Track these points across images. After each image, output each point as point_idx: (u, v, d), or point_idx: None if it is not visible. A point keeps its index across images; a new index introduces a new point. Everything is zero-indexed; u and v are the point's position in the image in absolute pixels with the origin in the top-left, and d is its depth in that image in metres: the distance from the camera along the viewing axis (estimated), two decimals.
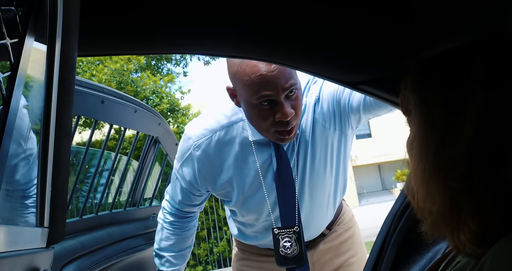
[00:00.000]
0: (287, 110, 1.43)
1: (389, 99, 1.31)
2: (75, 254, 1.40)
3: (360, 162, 25.21)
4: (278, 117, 1.44)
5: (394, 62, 1.16)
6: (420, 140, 0.70)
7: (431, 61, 0.72)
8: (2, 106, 0.61)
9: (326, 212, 1.73)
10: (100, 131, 9.41)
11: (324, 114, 1.60)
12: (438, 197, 0.67)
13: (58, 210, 0.94)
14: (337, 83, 1.30)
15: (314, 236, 1.77)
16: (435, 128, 0.68)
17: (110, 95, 1.55)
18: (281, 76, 1.40)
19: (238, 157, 1.61)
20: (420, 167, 0.70)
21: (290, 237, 1.60)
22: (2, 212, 0.70)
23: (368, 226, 7.06)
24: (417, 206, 0.73)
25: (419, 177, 0.70)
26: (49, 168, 0.90)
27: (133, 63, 9.56)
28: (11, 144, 0.66)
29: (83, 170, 1.72)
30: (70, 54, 0.88)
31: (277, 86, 1.41)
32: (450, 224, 0.67)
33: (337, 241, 1.81)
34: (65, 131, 0.90)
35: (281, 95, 1.42)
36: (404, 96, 0.76)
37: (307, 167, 1.61)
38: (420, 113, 0.71)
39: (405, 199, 1.37)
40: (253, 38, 1.08)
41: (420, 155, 0.70)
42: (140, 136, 7.15)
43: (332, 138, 1.62)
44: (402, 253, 1.29)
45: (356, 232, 1.88)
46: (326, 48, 1.13)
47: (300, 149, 1.61)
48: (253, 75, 1.40)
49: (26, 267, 0.79)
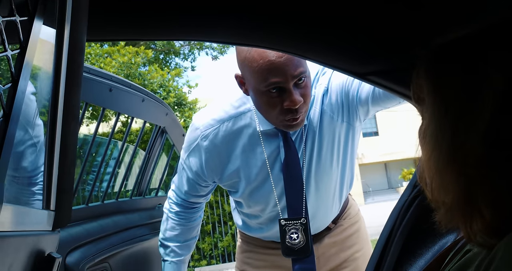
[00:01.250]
0: (295, 97, 1.41)
1: (398, 91, 1.30)
2: (81, 241, 1.40)
3: (366, 160, 25.15)
4: (287, 105, 1.42)
5: (405, 52, 1.14)
6: (434, 128, 0.69)
7: (445, 48, 0.71)
8: (11, 84, 0.60)
9: (332, 205, 1.72)
10: (107, 124, 9.43)
11: (332, 105, 1.59)
12: (452, 186, 0.66)
13: (64, 193, 0.94)
14: (346, 74, 1.29)
15: (320, 229, 1.76)
16: (450, 115, 0.67)
17: (118, 83, 1.54)
18: (290, 63, 1.39)
19: (246, 148, 1.60)
20: (434, 155, 0.69)
21: (297, 228, 1.59)
22: (11, 192, 0.70)
23: (373, 224, 7.04)
24: (431, 195, 0.72)
25: (433, 166, 0.69)
26: (56, 151, 0.90)
27: (141, 57, 9.57)
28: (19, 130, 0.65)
29: (90, 159, 1.73)
30: (79, 37, 0.88)
31: (285, 73, 1.39)
32: (464, 213, 0.66)
33: (342, 235, 1.80)
34: (73, 115, 0.90)
35: (290, 82, 1.41)
36: (417, 84, 0.75)
37: (313, 158, 1.60)
38: (434, 100, 0.70)
39: (412, 193, 1.36)
40: (260, 25, 1.07)
41: (434, 143, 0.69)
42: (147, 128, 7.15)
43: (340, 130, 1.61)
44: (408, 246, 1.28)
45: (362, 227, 1.87)
46: (335, 38, 1.12)
47: (307, 140, 1.60)
48: (261, 61, 1.38)
49: (31, 248, 0.79)
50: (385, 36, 1.10)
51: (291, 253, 1.61)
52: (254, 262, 1.83)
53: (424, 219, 1.31)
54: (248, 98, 1.59)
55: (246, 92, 1.54)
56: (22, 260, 0.74)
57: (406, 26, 1.02)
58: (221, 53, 14.23)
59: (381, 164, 28.41)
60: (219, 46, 14.07)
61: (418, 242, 1.30)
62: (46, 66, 0.90)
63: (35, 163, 1.18)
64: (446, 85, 0.68)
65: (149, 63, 10.74)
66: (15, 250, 0.69)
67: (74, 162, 0.96)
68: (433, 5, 0.93)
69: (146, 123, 1.94)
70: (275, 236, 1.72)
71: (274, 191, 1.61)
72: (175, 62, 13.83)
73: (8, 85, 0.60)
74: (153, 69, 9.64)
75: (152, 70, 9.55)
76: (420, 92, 0.74)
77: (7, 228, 0.65)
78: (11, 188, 0.67)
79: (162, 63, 13.11)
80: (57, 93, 0.86)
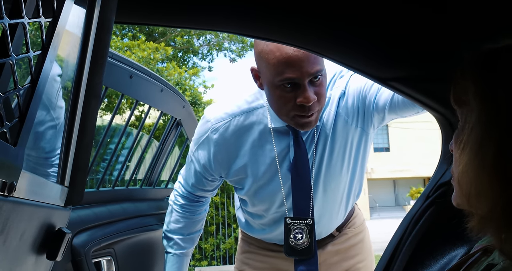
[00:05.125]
0: (309, 94, 1.39)
1: (420, 99, 1.28)
2: (89, 223, 1.41)
3: (375, 175, 25.00)
4: (300, 101, 1.40)
5: (435, 61, 1.13)
6: (480, 132, 0.67)
7: (496, 53, 0.70)
8: (41, 51, 0.61)
9: (338, 211, 1.70)
10: (121, 117, 9.48)
11: (348, 109, 1.57)
12: (492, 194, 0.64)
13: (79, 171, 0.94)
14: (367, 77, 1.27)
15: (323, 235, 1.74)
16: (500, 119, 0.65)
17: (139, 71, 1.55)
18: (307, 60, 1.37)
19: (256, 144, 1.58)
20: (477, 160, 0.66)
21: (302, 228, 1.57)
22: (29, 162, 0.70)
23: (377, 240, 6.98)
24: (467, 201, 0.70)
25: (474, 171, 0.67)
26: (76, 128, 0.90)
27: (160, 53, 9.63)
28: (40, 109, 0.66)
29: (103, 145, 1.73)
30: (108, 15, 0.88)
31: (301, 69, 1.37)
32: (499, 223, 0.64)
33: (346, 244, 1.78)
34: (94, 93, 0.91)
35: (305, 79, 1.39)
36: (461, 86, 0.73)
37: (324, 160, 1.58)
38: (482, 104, 0.68)
39: (424, 203, 1.35)
40: (283, 20, 1.06)
41: (479, 147, 0.66)
42: (160, 124, 7.17)
43: (353, 135, 1.60)
44: (416, 256, 1.27)
45: (366, 237, 1.85)
46: (360, 38, 1.11)
47: (319, 141, 1.57)
48: (278, 54, 1.37)
49: (43, 220, 0.79)
50: (416, 41, 1.09)
51: (293, 253, 1.59)
52: (254, 263, 1.81)
53: (435, 231, 1.31)
54: (262, 94, 1.58)
55: (261, 86, 1.51)
56: (34, 230, 0.74)
57: (443, 33, 1.01)
58: (239, 56, 14.25)
59: (390, 180, 28.22)
60: (237, 49, 14.10)
61: (426, 253, 1.29)
62: (73, 48, 0.90)
63: (54, 143, 1.19)
64: (497, 89, 0.66)
65: (168, 60, 10.80)
66: (28, 218, 0.70)
67: (91, 140, 0.97)
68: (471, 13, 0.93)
69: (160, 119, 1.93)
70: (277, 239, 1.70)
71: (282, 190, 1.59)
72: (193, 62, 13.88)
73: (39, 52, 0.61)
74: (171, 66, 9.69)
75: (170, 67, 9.60)
76: (463, 95, 0.72)
77: (23, 196, 0.65)
78: (30, 158, 0.68)
79: (180, 61, 13.17)
80: (81, 71, 0.87)
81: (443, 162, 1.32)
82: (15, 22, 0.52)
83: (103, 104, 9.65)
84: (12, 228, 0.63)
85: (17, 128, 0.59)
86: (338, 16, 1.03)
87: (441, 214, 1.26)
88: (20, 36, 0.63)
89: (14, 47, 0.54)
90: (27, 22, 0.55)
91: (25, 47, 0.57)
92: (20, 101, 0.58)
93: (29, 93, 0.59)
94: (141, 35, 11.32)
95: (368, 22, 1.04)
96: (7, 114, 0.55)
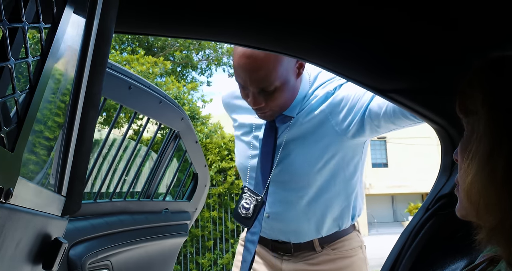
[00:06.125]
0: (254, 100, 1.56)
1: (420, 112, 1.28)
2: (86, 235, 1.39)
3: (373, 190, 24.92)
4: (248, 101, 1.59)
5: (435, 73, 1.13)
6: (488, 141, 0.66)
7: (502, 61, 0.70)
8: (40, 57, 0.61)
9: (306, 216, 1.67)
10: (119, 130, 9.47)
11: (333, 109, 1.61)
12: (502, 205, 0.63)
13: (77, 180, 0.93)
14: (366, 88, 1.27)
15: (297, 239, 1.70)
16: (510, 127, 0.64)
17: (138, 82, 1.55)
18: (253, 74, 1.50)
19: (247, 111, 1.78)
20: (487, 170, 0.65)
21: (251, 201, 1.67)
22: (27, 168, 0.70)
23: (375, 256, 6.95)
24: (476, 213, 0.68)
25: (484, 182, 0.65)
26: (74, 137, 0.90)
27: (159, 68, 9.66)
28: None
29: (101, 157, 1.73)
30: (108, 24, 0.88)
31: (246, 80, 1.53)
32: (509, 235, 0.63)
33: (327, 267, 1.70)
34: (93, 103, 0.90)
35: (250, 87, 1.54)
36: (469, 95, 0.72)
37: (292, 148, 1.66)
38: (489, 112, 0.67)
39: (423, 216, 1.34)
40: (281, 31, 1.07)
41: (489, 157, 0.65)
42: (157, 139, 7.15)
43: (332, 137, 1.61)
44: (416, 268, 1.25)
45: (355, 264, 1.73)
46: (360, 49, 1.12)
47: (292, 129, 1.66)
48: (235, 59, 1.53)
49: (40, 229, 0.78)
50: (416, 53, 1.09)
51: (237, 218, 1.70)
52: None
53: (435, 243, 1.30)
54: None
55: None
56: (30, 239, 0.73)
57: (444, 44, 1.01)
58: None
59: (388, 196, 28.13)
60: None
61: (426, 265, 1.28)
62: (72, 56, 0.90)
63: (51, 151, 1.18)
64: (506, 96, 0.66)
65: (167, 74, 10.83)
66: (24, 226, 0.69)
67: (89, 150, 0.96)
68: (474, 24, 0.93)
69: (157, 133, 1.93)
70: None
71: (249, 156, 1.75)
72: (192, 76, 13.93)
73: (38, 57, 0.61)
74: (169, 80, 9.71)
75: (169, 81, 9.63)
76: (470, 103, 0.72)
77: (19, 203, 0.64)
78: (27, 165, 0.67)
79: (179, 75, 13.21)
80: (80, 79, 0.87)
81: (442, 174, 1.32)
82: (14, 26, 0.52)
83: (101, 118, 9.65)
84: (8, 236, 0.62)
85: (14, 134, 0.58)
86: (337, 26, 1.03)
87: (441, 226, 1.26)
88: (20, 43, 0.63)
89: (13, 52, 0.54)
90: (26, 27, 0.54)
91: (25, 52, 0.57)
92: (18, 106, 0.57)
93: (27, 98, 0.59)
94: (140, 49, 11.37)
95: (368, 33, 1.04)
96: (4, 119, 0.55)
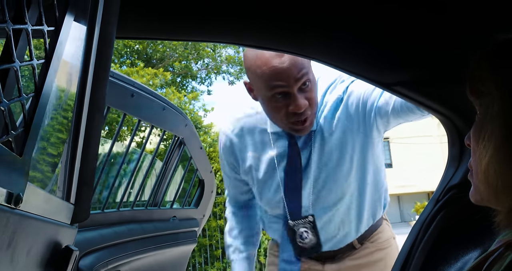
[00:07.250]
0: (300, 102, 1.46)
1: (424, 103, 1.27)
2: (95, 245, 1.38)
3: None
4: (292, 109, 1.47)
5: (438, 63, 1.13)
6: (503, 121, 0.65)
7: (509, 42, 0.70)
8: (44, 60, 0.60)
9: (348, 220, 1.67)
10: (122, 143, 9.47)
11: (348, 114, 1.59)
12: None
13: (85, 187, 0.93)
14: (370, 83, 1.27)
15: (339, 246, 1.70)
16: None
17: (141, 90, 1.55)
18: (293, 68, 1.43)
19: (258, 146, 1.67)
20: (503, 150, 0.65)
21: (306, 227, 1.62)
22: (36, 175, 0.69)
23: None
24: (495, 195, 0.68)
25: (500, 163, 0.65)
26: (80, 143, 0.89)
27: (159, 79, 9.69)
28: None
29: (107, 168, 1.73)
30: (109, 29, 0.88)
31: (289, 78, 1.44)
32: None
33: (366, 260, 1.73)
34: (98, 107, 0.90)
35: (294, 87, 1.46)
36: (478, 78, 0.72)
37: (322, 162, 1.62)
38: (503, 92, 0.67)
39: (434, 207, 1.33)
40: (281, 27, 1.07)
41: (505, 136, 0.65)
42: (161, 150, 7.15)
43: (355, 139, 1.60)
44: (430, 261, 1.24)
45: (390, 255, 1.76)
46: (361, 42, 1.11)
47: (315, 143, 1.61)
48: (265, 68, 1.44)
49: (50, 237, 0.78)
50: (417, 44, 1.08)
51: (304, 252, 1.63)
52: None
53: (447, 235, 1.28)
54: None
55: (255, 98, 1.59)
56: (41, 246, 0.72)
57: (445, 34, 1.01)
58: (238, 78, 14.34)
59: (394, 196, 27.99)
60: (235, 71, 14.20)
61: (439, 258, 1.26)
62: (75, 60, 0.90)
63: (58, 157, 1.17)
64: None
65: (167, 85, 10.86)
66: (35, 233, 0.68)
67: (96, 155, 0.96)
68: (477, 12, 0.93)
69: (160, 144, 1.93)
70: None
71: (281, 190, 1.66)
72: (192, 86, 13.97)
73: (42, 60, 0.60)
74: (170, 91, 9.74)
75: (170, 92, 9.66)
76: (481, 85, 0.71)
77: (28, 210, 0.63)
78: (35, 172, 0.66)
79: (179, 86, 13.25)
80: (84, 83, 0.86)
81: (450, 165, 1.31)
82: (18, 27, 0.52)
83: (103, 132, 9.66)
84: (19, 242, 0.61)
85: (22, 138, 0.58)
86: (337, 21, 1.03)
87: (452, 217, 1.24)
88: (24, 46, 0.63)
89: (18, 56, 0.54)
90: (30, 29, 0.54)
91: (29, 55, 0.57)
92: (24, 109, 0.57)
93: (34, 102, 0.58)
94: (139, 61, 11.41)
95: (369, 26, 1.04)
96: (11, 123, 0.54)
